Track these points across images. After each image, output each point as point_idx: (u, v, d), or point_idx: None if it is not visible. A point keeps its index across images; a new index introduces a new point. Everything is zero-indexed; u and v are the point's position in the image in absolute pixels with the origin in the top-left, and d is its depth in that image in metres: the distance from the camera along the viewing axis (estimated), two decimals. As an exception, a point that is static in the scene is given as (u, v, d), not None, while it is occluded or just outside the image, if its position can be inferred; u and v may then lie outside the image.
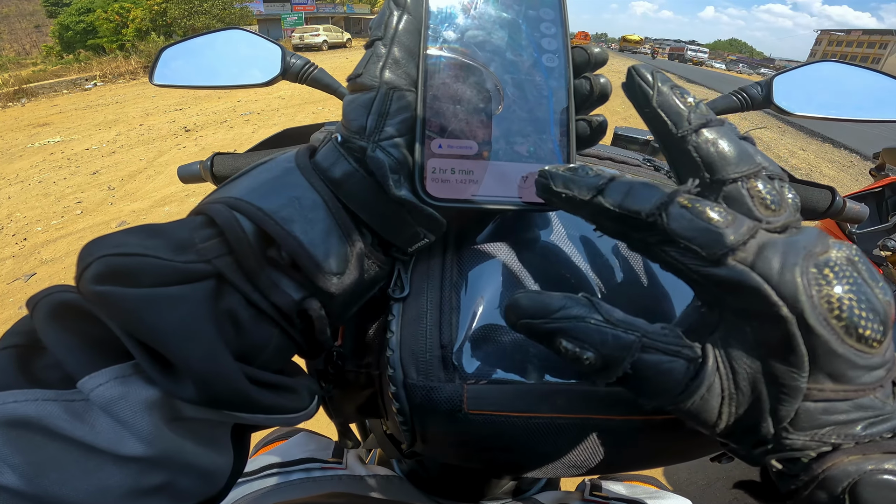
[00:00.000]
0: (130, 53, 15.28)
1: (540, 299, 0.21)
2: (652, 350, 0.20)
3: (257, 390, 0.20)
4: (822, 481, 0.19)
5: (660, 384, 0.20)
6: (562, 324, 0.20)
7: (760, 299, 0.18)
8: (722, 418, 0.20)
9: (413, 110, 0.25)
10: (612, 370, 0.20)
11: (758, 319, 0.18)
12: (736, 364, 0.19)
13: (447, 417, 0.25)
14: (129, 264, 0.19)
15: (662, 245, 0.19)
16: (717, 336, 0.20)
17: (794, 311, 0.17)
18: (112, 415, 0.18)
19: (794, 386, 0.18)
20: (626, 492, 0.53)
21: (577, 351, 0.20)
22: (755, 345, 0.19)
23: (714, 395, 0.19)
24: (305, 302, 0.23)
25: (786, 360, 0.18)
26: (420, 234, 0.26)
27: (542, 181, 0.22)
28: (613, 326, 0.20)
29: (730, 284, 0.18)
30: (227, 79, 0.60)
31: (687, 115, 0.21)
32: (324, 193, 0.24)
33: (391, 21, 0.25)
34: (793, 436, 0.19)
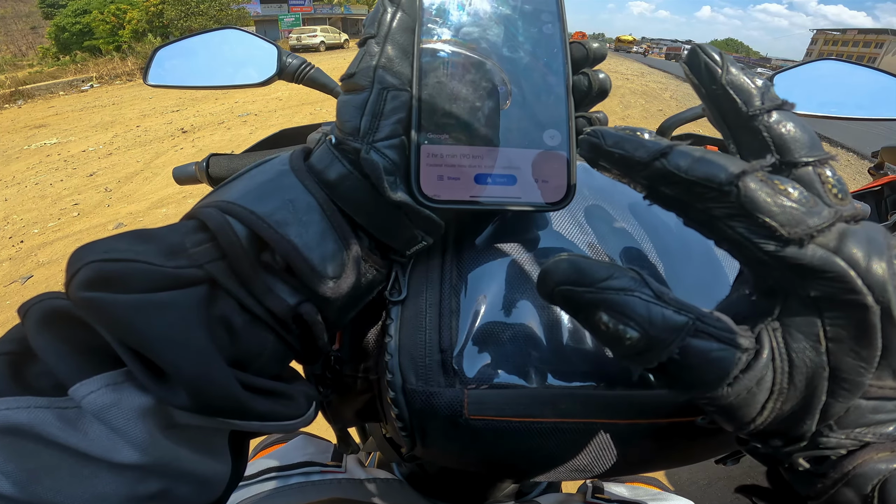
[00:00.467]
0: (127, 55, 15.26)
1: (583, 265, 0.18)
2: (704, 335, 0.17)
3: (252, 397, 0.20)
4: (851, 479, 0.18)
5: (704, 374, 0.17)
6: (607, 295, 0.18)
7: (844, 287, 0.16)
8: (762, 415, 0.18)
9: (408, 110, 0.25)
10: (655, 354, 0.17)
11: (834, 308, 0.17)
12: (796, 356, 0.18)
13: (448, 423, 0.25)
14: (118, 270, 0.19)
15: (730, 219, 0.17)
16: (774, 326, 0.18)
17: (880, 301, 0.16)
18: (105, 422, 0.18)
19: (858, 381, 0.17)
20: (628, 493, 0.53)
21: (618, 328, 0.17)
22: (823, 337, 0.17)
23: (763, 389, 0.18)
24: (301, 307, 0.22)
25: (857, 354, 0.17)
26: (418, 236, 0.26)
27: (591, 139, 0.19)
28: (665, 304, 0.18)
29: (809, 269, 0.16)
30: (223, 79, 0.60)
31: (759, 94, 0.19)
32: (319, 196, 0.23)
33: (384, 18, 0.25)
34: (832, 434, 0.19)
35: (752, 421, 0.18)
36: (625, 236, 0.31)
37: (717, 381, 0.17)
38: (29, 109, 8.50)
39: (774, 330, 0.18)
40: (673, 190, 0.18)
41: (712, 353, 0.17)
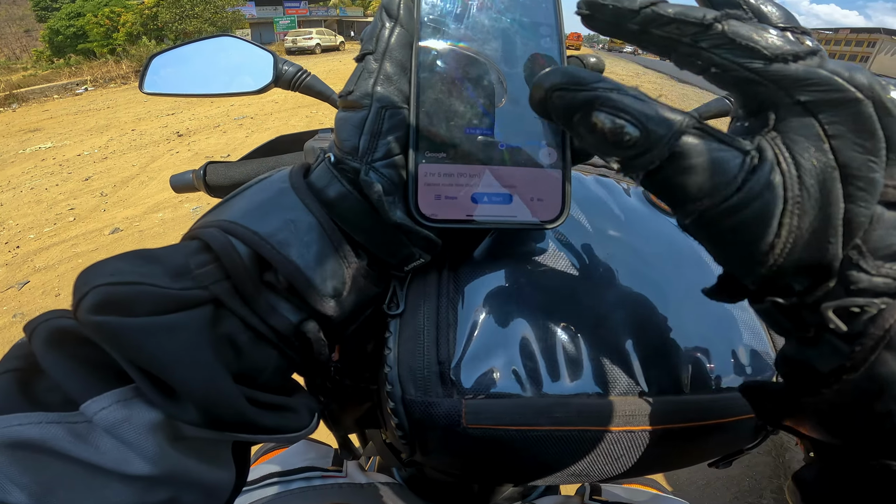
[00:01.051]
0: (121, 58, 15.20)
1: (574, 70, 0.18)
2: (701, 133, 0.17)
3: (259, 412, 0.21)
4: (890, 342, 0.16)
5: (710, 176, 0.17)
6: (601, 92, 0.17)
7: (831, 88, 0.16)
8: (781, 234, 0.17)
9: (406, 128, 0.25)
10: (657, 151, 0.17)
11: (827, 109, 0.17)
12: (800, 157, 0.17)
13: (446, 432, 0.25)
14: (126, 293, 0.19)
15: (717, 48, 0.17)
16: (773, 135, 0.17)
17: (868, 94, 0.16)
18: (117, 437, 0.18)
19: (871, 178, 0.16)
20: (625, 495, 0.53)
21: (615, 124, 0.17)
22: (824, 136, 0.17)
23: (776, 195, 0.16)
24: (304, 324, 0.23)
25: (862, 147, 0.16)
26: (416, 253, 0.26)
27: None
28: (660, 104, 0.17)
29: (795, 79, 0.17)
30: (219, 87, 0.59)
31: None
32: (319, 215, 0.24)
33: (383, 34, 0.25)
34: (862, 264, 0.16)
35: (771, 245, 0.17)
36: (619, 244, 0.31)
37: (723, 184, 0.17)
38: (23, 113, 8.46)
39: (773, 139, 0.17)
40: (662, 30, 0.18)
41: (713, 151, 0.17)
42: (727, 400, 0.27)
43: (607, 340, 0.27)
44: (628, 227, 0.32)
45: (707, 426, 0.27)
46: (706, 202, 0.17)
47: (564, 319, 0.27)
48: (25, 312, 2.48)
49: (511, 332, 0.26)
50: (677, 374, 0.27)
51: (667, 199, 0.19)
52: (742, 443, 0.30)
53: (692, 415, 0.27)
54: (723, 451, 0.31)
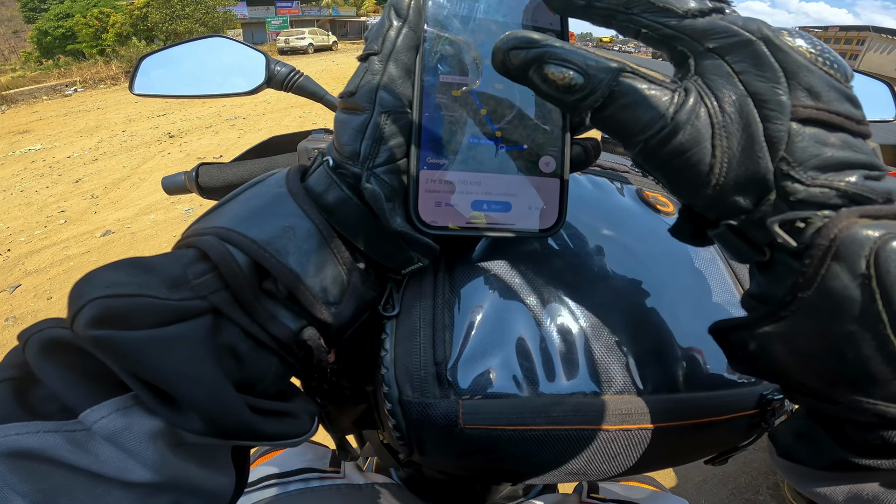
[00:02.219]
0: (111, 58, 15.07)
1: (523, 33, 0.21)
2: (633, 75, 0.20)
3: (261, 420, 0.21)
4: (839, 248, 0.16)
5: (645, 111, 0.20)
6: (549, 48, 0.20)
7: (729, 33, 0.19)
8: (716, 154, 0.19)
9: (408, 134, 0.24)
10: (599, 92, 0.20)
11: (731, 51, 0.19)
12: (719, 91, 0.19)
13: (444, 433, 0.25)
14: (124, 306, 0.19)
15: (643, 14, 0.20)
16: (694, 77, 0.20)
17: (759, 35, 0.19)
18: (117, 445, 0.18)
19: (777, 100, 0.19)
20: (623, 493, 0.53)
21: (563, 73, 0.20)
22: (733, 72, 0.19)
23: (703, 123, 0.19)
24: (304, 332, 0.23)
25: (764, 76, 0.19)
26: (414, 258, 0.26)
27: None
28: (596, 54, 0.20)
29: (702, 30, 0.20)
30: (210, 87, 0.59)
31: None
32: (318, 222, 0.24)
33: (390, 35, 0.24)
34: (794, 173, 0.18)
35: (710, 166, 0.19)
36: (613, 244, 0.31)
37: (657, 116, 0.19)
38: (12, 115, 8.37)
39: (695, 80, 0.20)
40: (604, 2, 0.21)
41: (644, 90, 0.20)
42: (722, 398, 0.27)
43: (603, 339, 0.27)
44: (622, 227, 0.33)
45: (702, 423, 0.27)
46: (647, 133, 0.20)
47: (560, 319, 0.27)
48: (18, 316, 2.45)
49: (507, 333, 0.26)
50: (672, 372, 0.27)
51: (615, 135, 0.21)
52: (737, 440, 0.30)
53: (688, 413, 0.27)
54: (718, 449, 0.32)
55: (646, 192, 0.37)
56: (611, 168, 0.40)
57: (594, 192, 0.35)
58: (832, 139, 0.18)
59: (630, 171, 0.41)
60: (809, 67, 0.19)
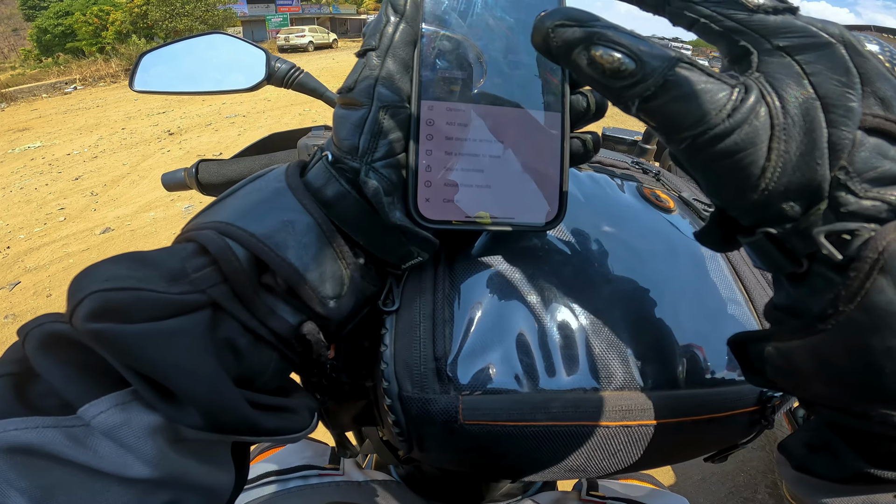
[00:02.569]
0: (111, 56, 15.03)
1: (572, 10, 0.20)
2: (690, 66, 0.18)
3: (261, 415, 0.21)
4: (887, 263, 0.16)
5: (700, 104, 0.18)
6: (598, 28, 0.19)
7: (805, 33, 0.18)
8: (771, 158, 0.17)
9: (407, 128, 0.24)
10: (651, 79, 0.18)
11: (804, 51, 0.18)
12: (783, 91, 0.18)
13: (443, 428, 0.25)
14: (123, 299, 0.19)
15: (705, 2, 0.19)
16: (756, 74, 0.19)
17: (840, 39, 0.18)
18: (116, 440, 0.18)
19: (849, 106, 0.17)
20: (622, 490, 0.53)
21: (612, 56, 0.18)
22: (803, 73, 0.18)
23: (762, 122, 0.18)
24: (303, 326, 0.23)
25: (839, 81, 0.18)
26: (414, 252, 0.26)
27: None
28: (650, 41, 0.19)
29: (774, 27, 0.18)
30: (210, 84, 0.59)
31: None
32: (317, 216, 0.24)
33: (387, 30, 0.24)
34: (850, 183, 0.17)
35: (763, 169, 0.18)
36: (614, 240, 0.31)
37: (713, 112, 0.18)
38: (12, 112, 8.35)
39: (757, 78, 0.19)
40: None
41: (702, 83, 0.18)
42: (722, 394, 0.27)
43: (603, 335, 0.27)
44: (623, 223, 0.32)
45: (703, 420, 0.27)
46: (698, 128, 0.18)
47: (560, 315, 0.27)
48: (17, 314, 2.45)
49: (507, 328, 0.26)
50: (673, 368, 0.27)
51: (660, 127, 0.19)
52: (737, 437, 0.30)
53: (688, 409, 0.27)
54: (718, 446, 0.32)
55: (646, 188, 0.37)
56: (611, 165, 0.40)
57: (594, 189, 0.35)
58: (893, 152, 0.17)
59: (630, 167, 0.41)
60: (886, 76, 0.18)
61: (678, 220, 0.35)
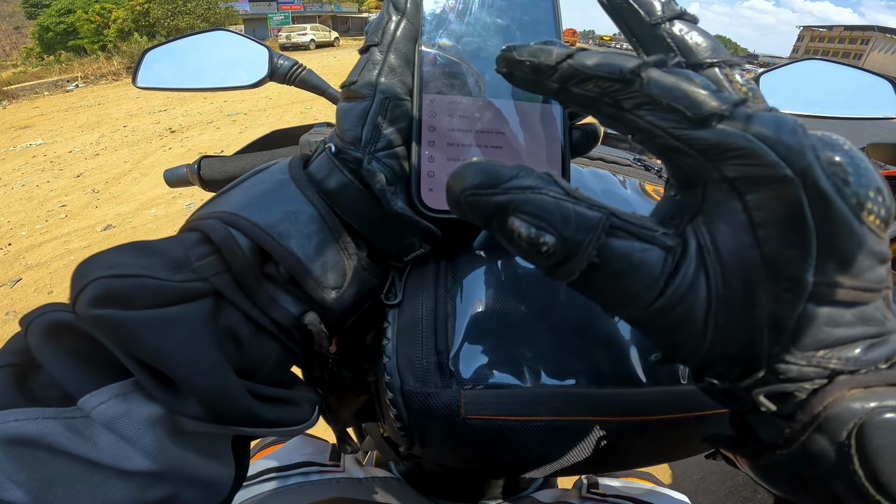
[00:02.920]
0: (112, 54, 15.03)
1: (487, 166, 0.17)
2: (622, 233, 0.16)
3: (262, 406, 0.20)
4: (822, 423, 0.16)
5: (632, 283, 0.16)
6: (514, 195, 0.16)
7: (757, 161, 0.15)
8: (707, 333, 0.16)
9: (409, 120, 0.25)
10: (576, 260, 0.16)
11: (754, 189, 0.15)
12: (725, 252, 0.16)
13: (445, 423, 0.25)
14: (126, 286, 0.19)
15: (638, 109, 0.17)
16: (700, 221, 0.17)
17: (798, 171, 0.15)
18: (116, 432, 0.18)
19: (800, 278, 0.15)
20: (622, 488, 0.53)
21: (532, 233, 0.16)
22: (749, 225, 0.16)
23: (699, 298, 0.16)
24: (305, 317, 0.23)
25: (790, 241, 0.15)
26: (416, 243, 0.26)
27: (506, 53, 0.20)
28: (576, 201, 0.16)
29: (718, 147, 0.15)
30: (213, 81, 0.59)
31: (660, 6, 0.19)
32: (320, 206, 0.24)
33: (389, 27, 0.25)
34: (790, 357, 0.16)
35: (699, 343, 0.17)
36: None
37: (645, 289, 0.16)
38: (13, 110, 8.36)
39: (701, 225, 0.17)
40: (582, 88, 0.18)
41: (634, 254, 0.16)
42: None
43: (606, 331, 0.27)
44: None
45: (705, 416, 0.27)
46: (631, 307, 0.17)
47: (563, 310, 0.27)
48: (18, 310, 2.46)
49: (509, 323, 0.26)
50: (675, 364, 0.27)
51: (593, 301, 0.18)
52: None
53: (690, 405, 0.27)
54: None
55: (647, 184, 0.37)
56: (613, 161, 0.40)
57: (597, 184, 0.35)
58: (847, 316, 0.16)
59: (633, 164, 0.41)
60: (852, 228, 0.15)
61: None
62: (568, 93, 0.18)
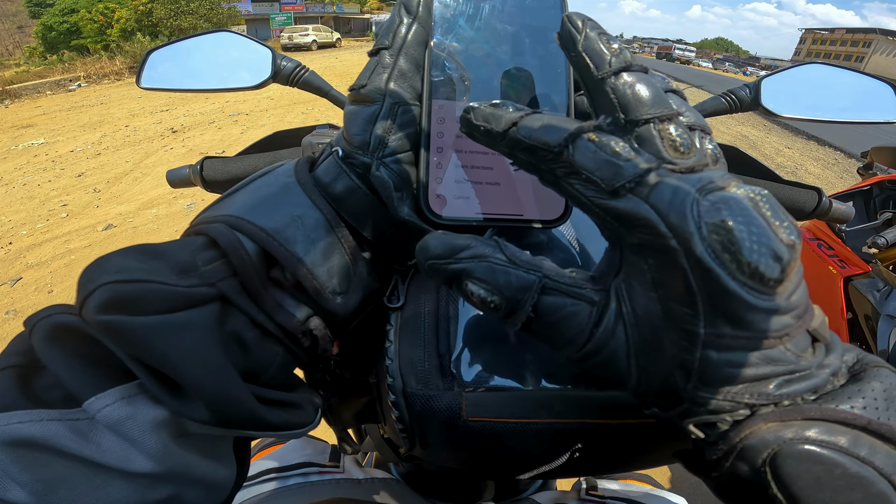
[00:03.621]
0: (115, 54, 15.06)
1: (446, 239, 0.21)
2: (554, 292, 0.20)
3: (267, 410, 0.21)
4: (741, 451, 0.18)
5: (565, 330, 0.20)
6: (465, 264, 0.20)
7: (652, 231, 0.17)
8: (632, 372, 0.20)
9: (417, 125, 0.25)
10: (518, 314, 0.20)
11: (653, 255, 0.18)
12: (638, 308, 0.19)
13: (447, 425, 0.25)
14: (133, 291, 0.19)
15: (568, 177, 0.19)
16: (621, 278, 0.20)
17: (681, 242, 0.17)
18: (120, 434, 0.18)
19: (690, 330, 0.17)
20: (621, 490, 0.53)
21: (482, 294, 0.20)
22: (653, 285, 0.18)
23: (620, 343, 0.19)
24: (310, 321, 0.23)
25: (680, 300, 0.17)
26: None
27: (465, 115, 0.21)
28: (516, 266, 0.20)
29: (625, 217, 0.18)
30: (216, 82, 0.59)
31: (609, 58, 0.19)
32: (326, 211, 0.24)
33: (400, 30, 0.25)
34: (703, 393, 0.18)
35: (628, 380, 0.20)
36: None
37: (577, 336, 0.20)
38: (16, 109, 8.37)
39: (621, 282, 0.19)
40: (525, 155, 0.20)
41: (566, 308, 0.20)
42: None
43: None
44: None
45: None
46: (567, 349, 0.20)
47: None
48: (18, 309, 2.46)
49: None
50: None
51: (543, 342, 0.21)
52: None
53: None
54: None
55: None
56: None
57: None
58: (752, 359, 0.18)
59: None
60: (730, 289, 0.16)
61: None
62: (515, 158, 0.21)
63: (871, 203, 1.82)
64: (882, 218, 1.64)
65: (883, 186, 1.81)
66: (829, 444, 0.17)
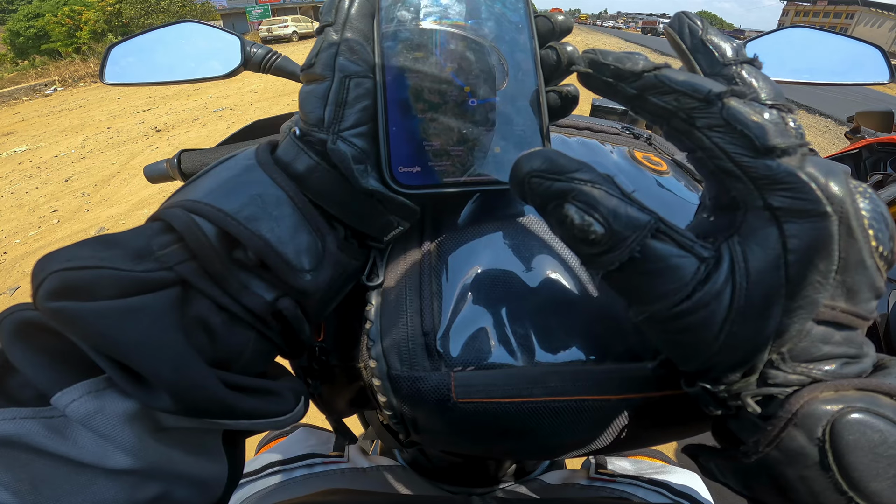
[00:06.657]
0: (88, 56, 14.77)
1: (555, 156, 0.19)
2: (664, 237, 0.18)
3: (236, 396, 0.20)
4: (799, 420, 0.18)
5: (665, 282, 0.18)
6: (576, 184, 0.18)
7: (805, 196, 0.17)
8: (720, 338, 0.18)
9: (373, 97, 0.24)
10: (618, 252, 0.18)
11: (793, 219, 0.17)
12: (755, 271, 0.18)
13: (436, 408, 0.24)
14: (83, 277, 0.18)
15: (709, 129, 0.19)
16: (736, 240, 0.18)
17: (838, 210, 0.17)
18: (92, 429, 0.18)
19: (814, 298, 0.17)
20: (631, 468, 0.53)
21: (584, 220, 0.18)
22: (782, 249, 0.17)
23: (721, 305, 0.18)
24: (279, 302, 0.22)
25: (815, 267, 0.17)
26: (394, 222, 0.25)
27: (591, 55, 0.21)
28: (629, 202, 0.18)
29: (774, 179, 0.18)
30: (185, 73, 0.58)
31: (733, 50, 0.21)
32: (288, 188, 0.23)
33: (342, 5, 0.24)
34: (783, 367, 0.18)
35: (709, 348, 0.19)
36: None
37: (675, 290, 0.18)
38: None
39: (735, 244, 0.18)
40: (661, 99, 0.20)
41: (671, 258, 0.18)
42: None
43: (599, 304, 0.26)
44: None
45: None
46: (657, 305, 0.19)
47: (554, 284, 0.26)
48: (15, 320, 2.45)
49: (499, 300, 0.25)
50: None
51: (621, 295, 0.20)
52: None
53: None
54: None
55: (636, 151, 0.36)
56: (601, 131, 0.39)
57: (585, 153, 0.34)
58: (836, 337, 0.18)
59: (621, 133, 0.40)
60: (866, 264, 0.17)
61: (672, 182, 0.34)
62: (644, 101, 0.20)
63: (861, 165, 1.84)
64: (872, 180, 1.66)
65: (872, 149, 1.82)
66: (883, 414, 0.17)
